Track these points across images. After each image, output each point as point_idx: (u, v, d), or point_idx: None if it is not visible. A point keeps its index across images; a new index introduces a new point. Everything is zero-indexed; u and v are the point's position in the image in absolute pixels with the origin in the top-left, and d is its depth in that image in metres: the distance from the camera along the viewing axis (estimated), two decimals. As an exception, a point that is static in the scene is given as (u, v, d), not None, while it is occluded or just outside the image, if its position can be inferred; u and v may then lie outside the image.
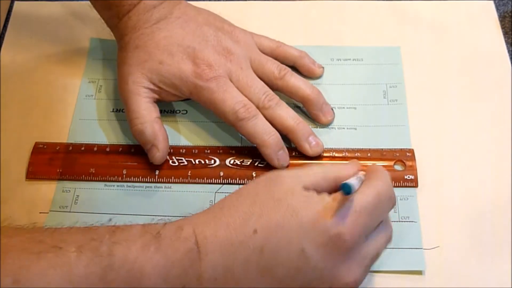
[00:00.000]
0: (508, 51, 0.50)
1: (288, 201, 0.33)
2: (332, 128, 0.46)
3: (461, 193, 0.43)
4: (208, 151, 0.45)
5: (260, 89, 0.44)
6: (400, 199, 0.42)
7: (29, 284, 0.27)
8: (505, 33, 0.52)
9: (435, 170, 0.44)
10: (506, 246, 0.41)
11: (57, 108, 0.48)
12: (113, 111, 0.48)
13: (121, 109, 0.48)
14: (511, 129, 0.46)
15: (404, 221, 0.42)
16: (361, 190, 0.34)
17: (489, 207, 0.43)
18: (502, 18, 0.53)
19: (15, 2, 0.55)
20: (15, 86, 0.49)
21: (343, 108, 0.47)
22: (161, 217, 0.41)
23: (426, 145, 0.45)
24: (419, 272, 0.40)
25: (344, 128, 0.46)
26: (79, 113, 0.48)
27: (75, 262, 0.29)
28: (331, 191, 0.35)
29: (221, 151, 0.45)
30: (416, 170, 0.43)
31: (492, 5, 0.53)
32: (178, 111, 0.48)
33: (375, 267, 0.38)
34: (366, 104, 0.48)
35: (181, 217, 0.34)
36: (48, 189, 0.44)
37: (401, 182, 0.43)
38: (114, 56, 0.46)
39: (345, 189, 0.32)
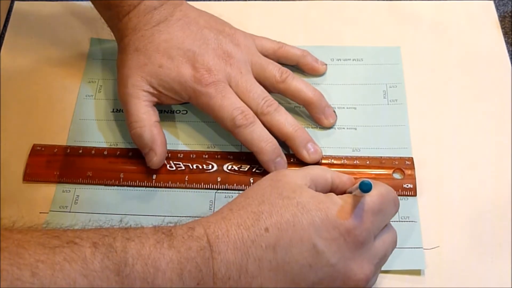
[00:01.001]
0: (508, 51, 0.50)
1: (297, 199, 0.34)
2: (332, 128, 0.46)
3: (461, 193, 0.43)
4: (206, 156, 0.45)
5: (259, 95, 0.44)
6: (400, 199, 0.42)
7: (46, 277, 0.28)
8: (505, 33, 0.52)
9: (435, 170, 0.44)
10: (506, 246, 0.41)
11: (57, 108, 0.48)
12: (113, 112, 0.48)
13: (121, 109, 0.47)
14: (511, 129, 0.46)
15: (404, 221, 0.42)
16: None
17: (489, 207, 0.43)
18: (502, 18, 0.53)
19: (15, 2, 0.55)
20: (15, 86, 0.49)
21: (343, 108, 0.47)
22: (163, 217, 0.42)
23: (426, 145, 0.45)
24: (419, 272, 0.40)
25: (344, 128, 0.46)
26: (79, 113, 0.48)
27: (90, 257, 0.29)
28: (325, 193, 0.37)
29: (219, 156, 0.45)
30: (415, 179, 0.43)
31: (492, 5, 0.53)
32: (178, 111, 0.47)
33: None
34: (366, 104, 0.48)
35: (183, 217, 0.34)
36: (48, 189, 0.44)
37: (400, 190, 0.43)
38: (114, 56, 0.46)
39: (365, 187, 0.32)
